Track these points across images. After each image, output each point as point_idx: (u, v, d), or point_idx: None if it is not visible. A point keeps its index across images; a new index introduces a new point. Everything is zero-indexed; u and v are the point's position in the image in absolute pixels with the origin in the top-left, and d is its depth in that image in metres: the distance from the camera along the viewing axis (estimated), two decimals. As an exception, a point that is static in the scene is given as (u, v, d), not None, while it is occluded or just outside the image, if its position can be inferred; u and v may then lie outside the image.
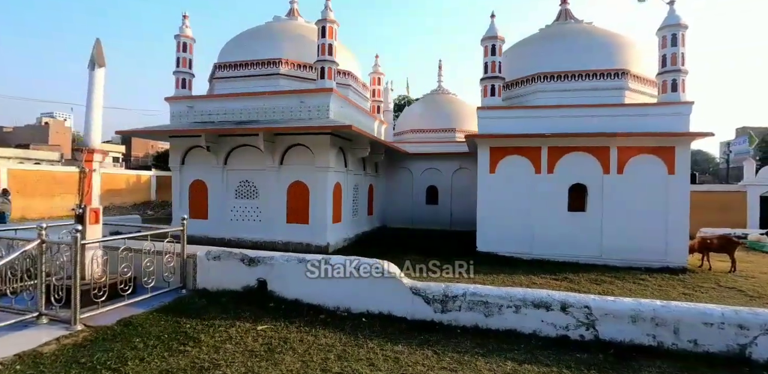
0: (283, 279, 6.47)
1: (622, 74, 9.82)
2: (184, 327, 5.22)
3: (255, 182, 10.73)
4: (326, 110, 9.86)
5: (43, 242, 5.28)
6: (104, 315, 5.37)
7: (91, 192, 6.45)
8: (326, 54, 9.84)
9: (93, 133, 6.47)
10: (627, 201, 9.51)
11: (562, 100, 9.94)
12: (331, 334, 5.15)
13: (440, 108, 16.07)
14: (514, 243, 10.15)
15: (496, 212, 10.25)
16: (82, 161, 6.33)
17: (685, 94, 9.28)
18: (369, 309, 5.97)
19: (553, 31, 11.05)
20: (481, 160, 10.35)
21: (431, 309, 5.69)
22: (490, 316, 5.46)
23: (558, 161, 9.88)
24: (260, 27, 11.88)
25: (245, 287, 6.65)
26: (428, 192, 15.34)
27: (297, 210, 10.30)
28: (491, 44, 10.22)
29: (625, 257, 9.49)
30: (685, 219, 9.25)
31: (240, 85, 10.85)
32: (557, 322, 5.14)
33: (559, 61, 9.99)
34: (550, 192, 9.93)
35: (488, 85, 10.28)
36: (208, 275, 6.87)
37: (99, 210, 6.56)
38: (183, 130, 10.26)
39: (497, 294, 5.57)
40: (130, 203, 24.36)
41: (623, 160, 9.52)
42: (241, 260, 6.78)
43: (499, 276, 8.48)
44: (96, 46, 6.72)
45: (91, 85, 6.51)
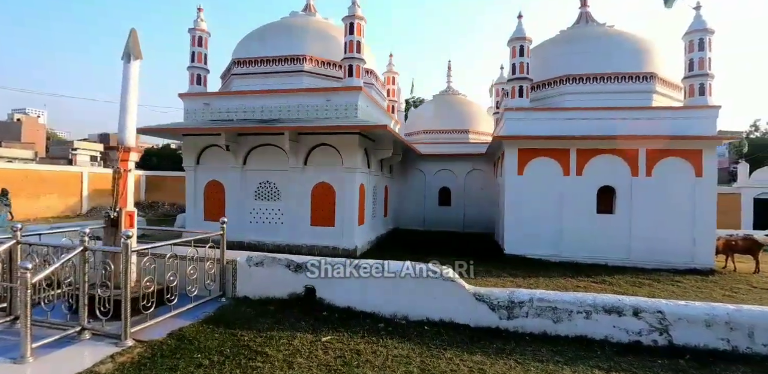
0: (333, 286, 6.19)
1: (650, 77, 9.91)
2: (243, 339, 4.87)
3: (276, 183, 10.31)
4: (354, 109, 9.55)
5: (86, 249, 4.84)
6: (152, 328, 4.96)
7: (126, 194, 5.97)
8: (354, 51, 9.53)
9: (128, 131, 6.02)
10: (655, 204, 9.58)
11: (590, 102, 9.95)
12: (400, 344, 4.91)
13: (452, 109, 15.94)
14: (541, 246, 10.09)
15: (523, 214, 10.17)
16: (117, 160, 5.87)
17: (711, 98, 9.44)
18: (429, 317, 5.76)
19: (576, 34, 11.07)
20: (509, 162, 10.25)
21: (496, 316, 5.54)
22: (559, 322, 5.34)
23: (587, 163, 9.88)
24: (280, 22, 11.44)
25: (291, 294, 6.32)
26: (441, 193, 15.19)
27: (322, 213, 9.95)
28: (519, 45, 10.14)
29: (652, 259, 9.56)
30: (713, 221, 9.40)
31: (260, 82, 10.40)
32: (630, 328, 5.06)
33: (587, 64, 10.01)
34: (579, 195, 9.92)
35: (516, 86, 10.19)
36: (249, 282, 6.51)
37: (134, 213, 6.08)
38: (202, 128, 9.74)
39: (566, 299, 5.45)
40: (119, 204, 23.28)
41: (651, 162, 9.60)
42: (286, 266, 6.45)
43: (539, 279, 8.37)
44: (131, 36, 6.25)
45: (125, 79, 6.06)
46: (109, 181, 19.37)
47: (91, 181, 21.80)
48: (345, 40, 9.62)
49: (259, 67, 10.43)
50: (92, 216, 21.06)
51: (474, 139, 15.60)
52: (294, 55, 10.12)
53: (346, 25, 9.60)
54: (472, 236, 13.86)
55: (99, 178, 22.33)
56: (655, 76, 9.94)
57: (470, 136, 15.50)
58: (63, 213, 20.37)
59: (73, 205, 21.01)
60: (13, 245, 5.20)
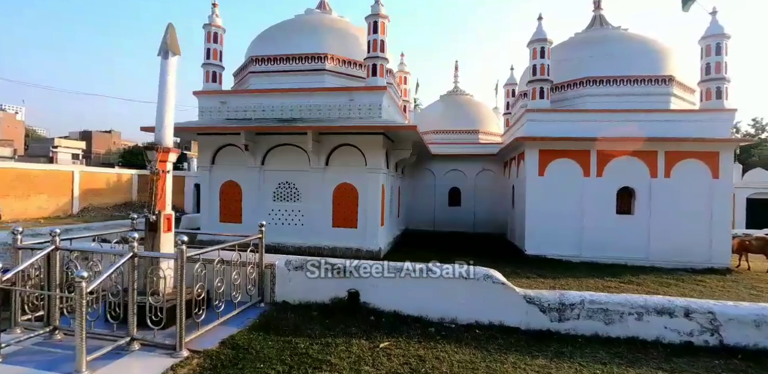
0: (378, 290, 6.09)
1: (669, 80, 10.09)
2: (299, 347, 4.74)
3: (296, 184, 10.08)
4: (378, 109, 9.42)
5: (135, 256, 4.63)
6: (203, 337, 4.79)
7: (165, 197, 5.73)
8: (378, 50, 9.39)
9: (166, 129, 5.79)
10: (673, 205, 9.77)
11: (609, 104, 10.08)
12: (459, 349, 4.87)
13: (462, 109, 15.95)
14: (562, 246, 10.17)
15: (544, 215, 10.23)
16: (155, 161, 5.62)
17: (728, 101, 9.67)
18: (478, 320, 5.73)
19: (594, 37, 11.19)
20: (530, 163, 10.29)
21: (547, 318, 5.55)
22: (611, 324, 5.40)
23: (606, 165, 10.00)
24: (297, 20, 11.19)
25: (333, 299, 6.19)
26: (450, 194, 15.17)
27: (344, 214, 9.79)
28: (540, 47, 10.18)
29: (671, 259, 9.75)
30: (728, 221, 9.64)
31: (278, 80, 10.15)
32: (681, 328, 5.11)
33: (607, 66, 10.13)
34: (599, 195, 10.03)
35: (537, 87, 10.23)
36: (288, 286, 6.35)
37: (172, 216, 5.85)
38: (221, 127, 9.45)
39: (617, 301, 5.52)
40: (111, 204, 22.57)
41: (670, 164, 9.78)
42: (328, 270, 6.29)
43: (567, 280, 8.42)
44: (169, 31, 6.00)
45: (163, 76, 5.82)
46: (102, 180, 19.17)
47: (83, 180, 21.02)
48: (368, 39, 9.47)
49: (278, 65, 10.17)
50: (84, 217, 20.35)
51: (484, 140, 15.64)
52: (316, 54, 9.91)
53: (370, 23, 9.45)
54: (484, 236, 13.89)
55: (90, 177, 21.58)
56: (673, 79, 10.13)
57: (480, 136, 15.55)
58: (54, 213, 19.60)
59: (64, 205, 20.24)
60: (51, 251, 4.91)
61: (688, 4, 9.54)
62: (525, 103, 11.44)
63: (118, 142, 55.65)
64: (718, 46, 9.60)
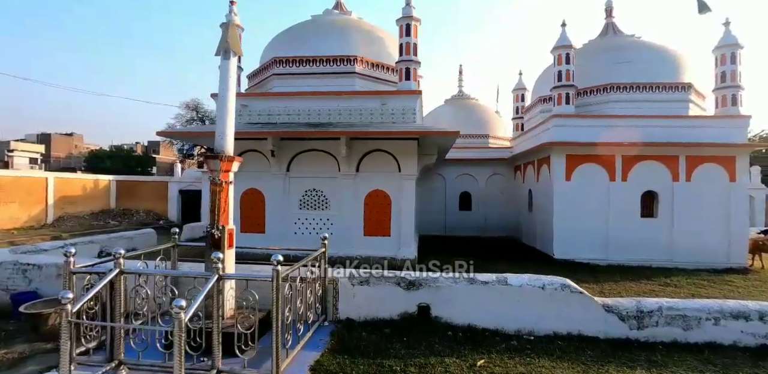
0: (451, 304, 5.90)
1: (688, 87, 10.46)
2: (396, 370, 4.48)
3: (325, 191, 9.66)
4: (413, 114, 9.17)
5: (221, 278, 4.21)
6: (291, 365, 4.41)
7: (228, 210, 5.30)
8: (411, 54, 9.16)
9: (227, 137, 5.39)
10: (694, 207, 10.10)
11: (632, 110, 10.32)
12: (553, 363, 4.81)
13: (470, 113, 15.97)
14: (590, 250, 10.29)
15: (572, 220, 10.32)
16: (218, 171, 5.17)
17: (743, 107, 10.12)
18: (555, 331, 5.65)
19: (611, 44, 11.46)
20: (557, 168, 10.36)
21: (626, 327, 5.57)
22: (689, 330, 5.50)
23: (631, 169, 10.21)
24: (320, 21, 10.74)
25: (403, 314, 5.94)
26: (461, 198, 15.12)
27: (376, 222, 9.46)
28: (565, 53, 10.30)
29: (693, 260, 10.07)
30: (746, 223, 10.07)
31: (305, 83, 9.69)
32: (757, 332, 5.35)
33: (629, 73, 10.40)
34: (624, 200, 10.24)
35: (562, 93, 10.33)
36: (352, 302, 6.05)
37: (234, 231, 5.42)
38: (246, 132, 8.89)
39: (694, 307, 5.62)
40: (87, 212, 21.04)
41: (691, 168, 10.11)
42: (397, 283, 6.05)
43: (608, 284, 8.49)
44: (229, 29, 5.56)
45: (224, 79, 5.41)
46: (78, 187, 17.88)
47: (58, 187, 19.48)
48: (401, 42, 9.21)
49: (304, 68, 9.71)
50: (60, 227, 18.86)
51: (493, 144, 15.73)
52: (345, 56, 9.53)
53: (402, 26, 9.20)
54: (497, 240, 13.90)
55: (66, 183, 20.03)
56: (691, 86, 10.51)
57: (490, 140, 15.61)
58: (27, 223, 18.05)
59: (38, 215, 18.68)
60: (115, 276, 4.36)
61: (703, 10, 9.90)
62: (546, 108, 11.57)
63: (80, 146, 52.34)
64: (732, 55, 10.05)
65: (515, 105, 15.27)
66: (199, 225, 13.82)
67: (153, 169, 39.41)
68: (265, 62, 10.34)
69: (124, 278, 4.42)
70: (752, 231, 14.76)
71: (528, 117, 14.01)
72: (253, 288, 4.13)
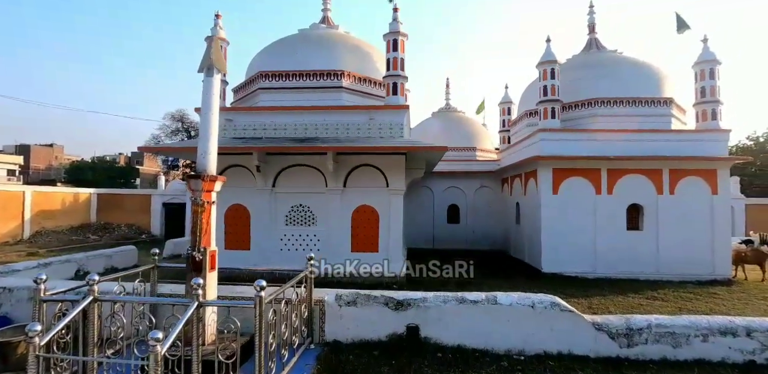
0: (440, 324, 5.79)
1: (669, 102, 10.67)
2: None
3: (311, 206, 9.50)
4: (400, 128, 9.14)
5: (201, 305, 4.06)
6: None
7: (210, 231, 5.15)
8: (398, 68, 9.18)
9: (210, 156, 5.26)
10: (678, 220, 10.21)
11: (616, 124, 10.47)
12: None
13: (458, 126, 16.04)
14: (578, 263, 10.29)
15: (560, 233, 10.33)
16: (200, 191, 5.03)
17: (722, 122, 10.36)
18: (546, 350, 5.59)
19: (594, 59, 11.69)
20: (544, 182, 10.40)
21: (616, 345, 5.53)
22: (678, 347, 5.49)
23: (616, 182, 10.31)
24: (307, 34, 10.70)
25: (391, 335, 5.81)
26: (449, 211, 15.08)
27: (364, 238, 9.32)
28: (550, 68, 10.44)
29: (678, 272, 10.13)
30: (728, 235, 10.21)
31: (291, 97, 9.59)
32: (744, 348, 5.29)
33: (612, 88, 10.58)
34: (610, 213, 10.30)
35: (548, 107, 10.45)
36: (339, 324, 5.89)
37: (215, 252, 5.27)
38: (231, 147, 8.72)
39: (683, 323, 5.61)
40: (66, 227, 20.40)
41: (674, 181, 10.25)
42: (384, 304, 5.93)
43: (598, 299, 8.47)
44: (212, 45, 5.44)
45: (206, 96, 5.29)
46: (57, 201, 17.38)
47: (35, 201, 18.87)
48: (388, 57, 9.24)
49: (291, 82, 9.62)
50: (37, 242, 18.22)
51: (481, 157, 15.79)
52: (332, 71, 9.49)
53: (389, 41, 9.23)
54: (485, 253, 13.83)
55: (44, 197, 19.40)
56: (672, 100, 10.73)
57: (477, 153, 15.68)
58: (1, 239, 17.38)
59: (14, 230, 18.03)
60: (89, 304, 4.14)
61: (682, 29, 10.23)
62: (533, 122, 11.67)
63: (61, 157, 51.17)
64: (711, 71, 10.32)
65: (502, 118, 15.42)
66: (182, 241, 13.46)
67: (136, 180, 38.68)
68: (252, 76, 10.24)
69: (99, 305, 4.20)
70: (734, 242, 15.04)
71: (514, 130, 14.13)
72: (236, 313, 3.99)
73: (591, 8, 12.76)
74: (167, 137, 30.70)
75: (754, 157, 20.36)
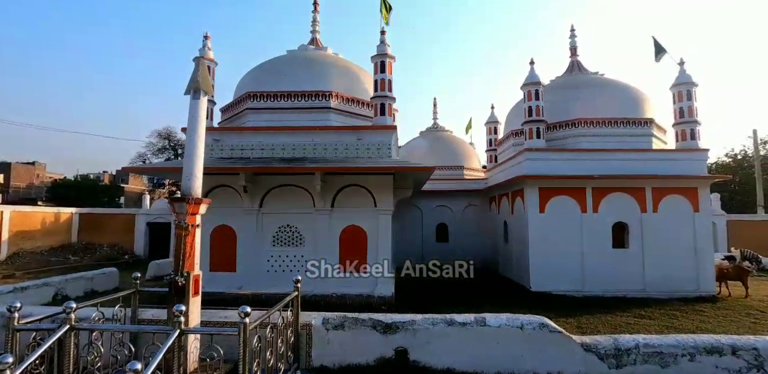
0: (429, 347, 5.73)
1: (650, 122, 11.01)
2: None
3: (299, 227, 9.42)
4: (388, 148, 9.23)
5: (183, 333, 3.97)
6: None
7: (194, 255, 5.08)
8: (386, 89, 9.34)
9: (195, 179, 5.23)
10: (662, 237, 10.36)
11: (599, 144, 10.74)
12: None
13: (446, 145, 16.25)
14: (565, 282, 10.31)
15: (547, 252, 10.39)
16: (184, 215, 4.98)
17: (701, 141, 10.69)
18: (536, 372, 5.54)
19: (577, 80, 12.07)
20: (531, 201, 10.52)
21: (605, 366, 5.53)
22: (666, 367, 5.50)
23: (601, 201, 10.48)
24: (296, 55, 10.87)
25: (379, 360, 5.72)
26: (438, 229, 15.08)
27: (353, 258, 9.22)
28: (534, 89, 10.74)
29: (664, 289, 10.22)
30: (711, 251, 10.37)
31: (279, 117, 9.64)
32: (730, 366, 5.27)
33: (594, 109, 10.89)
34: (596, 231, 10.42)
35: (533, 127, 10.68)
36: (327, 348, 5.79)
37: (199, 277, 5.18)
38: (218, 168, 8.67)
39: (669, 343, 5.64)
40: (46, 247, 19.80)
41: (657, 199, 10.45)
42: (372, 327, 5.86)
43: (587, 318, 8.46)
44: (199, 67, 5.49)
45: (192, 119, 5.30)
46: (36, 221, 17.08)
47: (13, 221, 18.34)
48: (376, 78, 9.40)
49: (279, 102, 9.70)
50: (15, 264, 17.62)
51: (469, 176, 15.95)
52: (321, 91, 9.60)
53: (377, 63, 9.43)
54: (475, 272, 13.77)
55: (22, 217, 18.89)
56: (653, 121, 11.08)
57: (465, 172, 15.84)
58: (-23, 261, 16.79)
59: (-10, 251, 17.43)
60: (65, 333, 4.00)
61: (660, 55, 10.68)
62: (519, 142, 11.88)
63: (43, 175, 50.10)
64: (688, 93, 10.71)
65: (488, 137, 15.68)
66: (166, 262, 13.15)
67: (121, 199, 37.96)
68: (240, 96, 10.30)
69: (76, 333, 4.06)
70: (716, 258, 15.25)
71: (501, 149, 14.35)
72: (220, 339, 3.91)
73: (572, 32, 13.29)
74: (153, 155, 30.43)
75: (734, 174, 20.91)
